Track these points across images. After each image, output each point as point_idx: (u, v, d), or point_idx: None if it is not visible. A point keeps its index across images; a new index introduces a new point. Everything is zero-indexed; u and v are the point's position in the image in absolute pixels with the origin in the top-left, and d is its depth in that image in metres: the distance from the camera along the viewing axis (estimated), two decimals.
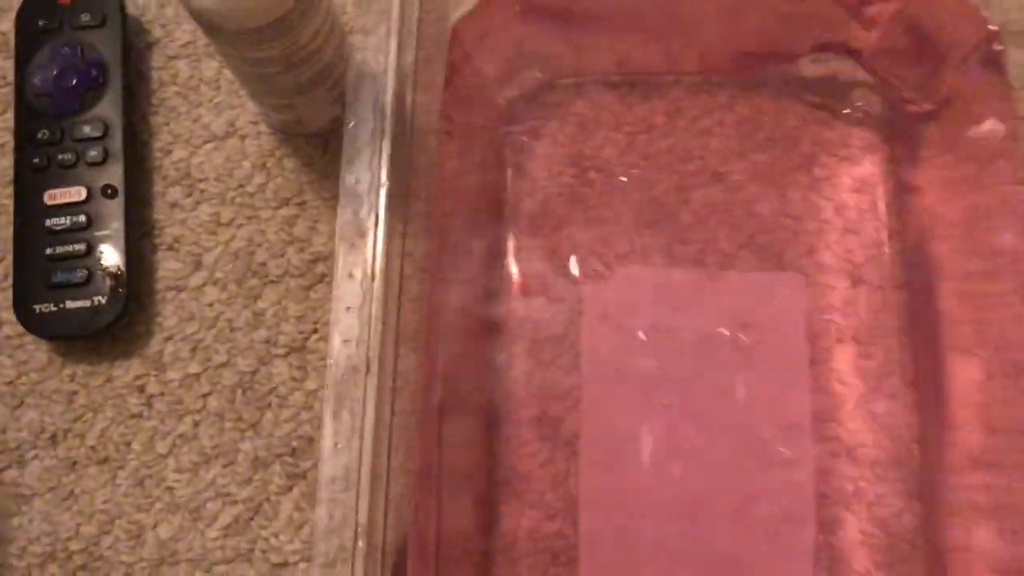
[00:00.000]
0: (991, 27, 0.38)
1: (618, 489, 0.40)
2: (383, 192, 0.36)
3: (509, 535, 0.40)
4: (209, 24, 0.36)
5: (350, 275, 0.35)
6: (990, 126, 0.38)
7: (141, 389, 0.44)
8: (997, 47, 0.38)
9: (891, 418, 0.40)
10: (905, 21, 0.40)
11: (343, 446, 0.33)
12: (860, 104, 0.44)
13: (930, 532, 0.39)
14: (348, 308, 0.34)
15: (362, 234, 0.35)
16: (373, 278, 0.35)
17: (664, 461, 0.40)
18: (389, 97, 0.37)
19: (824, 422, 0.40)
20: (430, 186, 0.40)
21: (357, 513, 0.33)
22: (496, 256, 0.44)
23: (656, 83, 0.45)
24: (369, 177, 0.36)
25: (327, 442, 0.33)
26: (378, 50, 0.38)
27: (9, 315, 0.44)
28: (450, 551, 0.38)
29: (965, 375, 0.39)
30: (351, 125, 0.36)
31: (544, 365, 0.42)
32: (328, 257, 0.45)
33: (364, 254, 0.35)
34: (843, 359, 0.41)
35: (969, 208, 0.41)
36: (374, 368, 0.34)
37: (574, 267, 0.43)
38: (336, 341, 0.34)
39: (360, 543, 0.34)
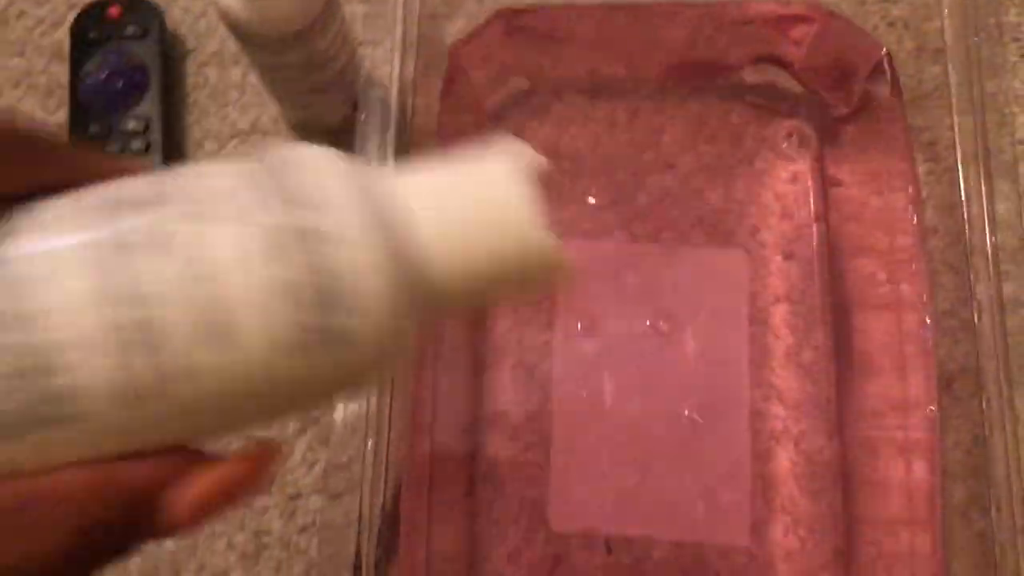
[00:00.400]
0: (883, 51, 0.46)
1: (582, 426, 0.47)
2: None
3: (491, 461, 0.47)
4: (241, 32, 0.44)
5: None
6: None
7: None
8: (886, 67, 0.46)
9: (814, 366, 0.47)
10: (824, 41, 0.48)
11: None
12: (793, 107, 0.52)
13: (844, 464, 0.46)
14: None
15: None
16: None
17: (623, 404, 0.47)
18: (393, 100, 0.44)
19: (759, 369, 0.47)
20: None
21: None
22: None
23: (619, 88, 0.53)
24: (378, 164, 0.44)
25: None
26: (383, 61, 0.45)
27: None
28: (442, 475, 0.46)
29: (876, 328, 0.46)
30: (363, 117, 0.43)
31: (522, 324, 0.49)
32: None
33: None
34: (777, 316, 0.48)
35: (875, 194, 0.49)
36: None
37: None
38: None
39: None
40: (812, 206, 0.51)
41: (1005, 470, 0.39)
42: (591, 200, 0.51)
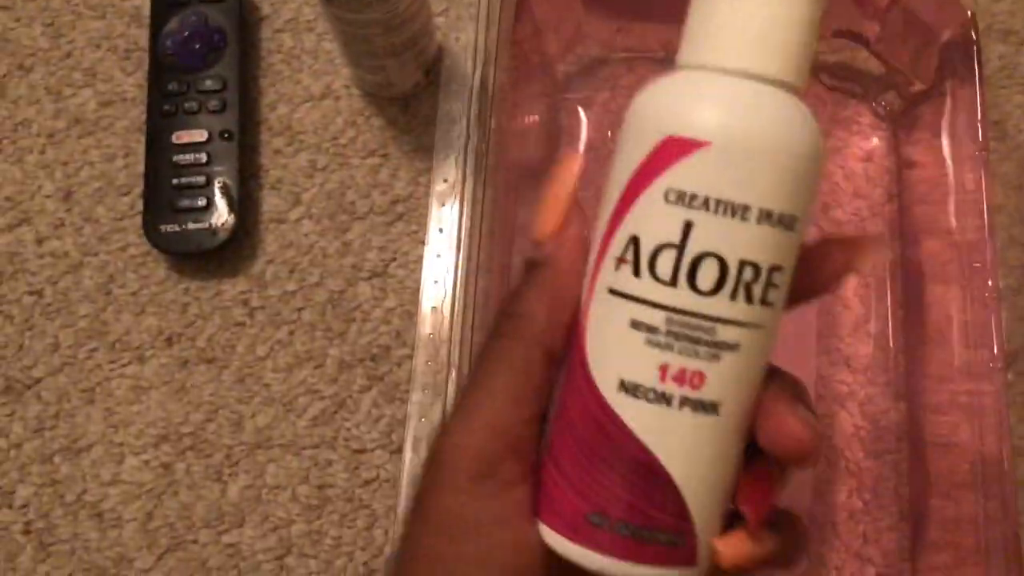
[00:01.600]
0: (968, 13, 0.46)
1: None
2: (470, 146, 0.44)
3: None
4: None
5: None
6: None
7: (245, 302, 0.52)
8: (972, 34, 0.46)
9: (882, 334, 0.48)
10: (900, 10, 0.49)
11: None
12: (869, 88, 0.52)
13: (911, 427, 0.46)
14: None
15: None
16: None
17: None
18: (471, 69, 0.45)
19: (827, 338, 0.48)
20: (500, 143, 0.48)
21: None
22: None
23: None
24: (460, 128, 0.44)
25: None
26: (459, 28, 0.46)
27: (135, 238, 0.52)
28: None
29: (944, 300, 0.47)
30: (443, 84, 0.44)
31: None
32: (407, 199, 0.53)
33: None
34: (848, 289, 0.49)
35: (947, 174, 0.49)
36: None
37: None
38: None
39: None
40: (886, 186, 0.51)
41: None
42: None
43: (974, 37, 0.47)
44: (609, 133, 0.53)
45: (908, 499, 0.46)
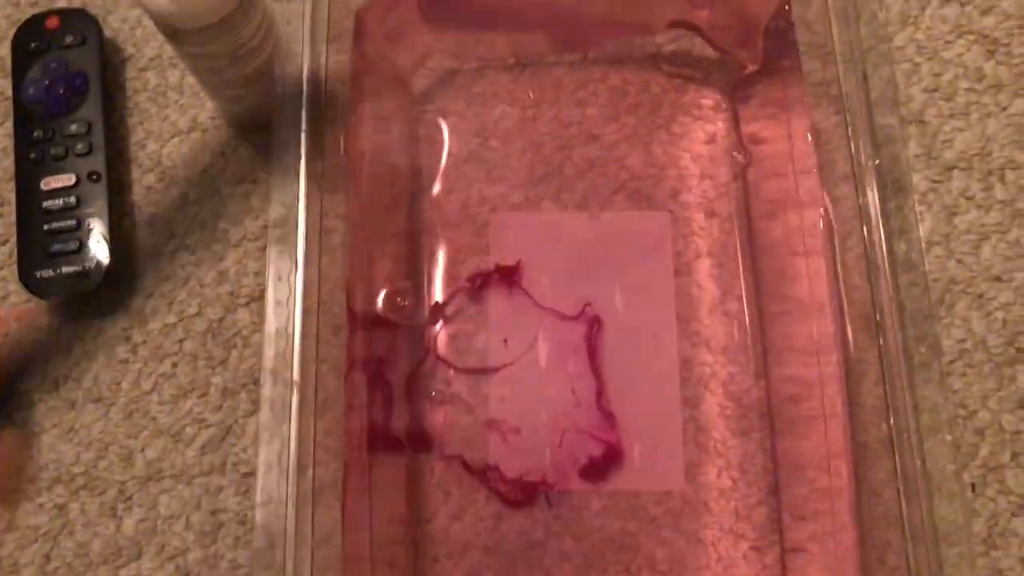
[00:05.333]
0: None
1: (518, 389, 0.49)
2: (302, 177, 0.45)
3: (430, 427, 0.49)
4: (165, 24, 0.46)
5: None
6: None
7: (127, 339, 0.53)
8: (791, 14, 0.48)
9: (739, 314, 0.49)
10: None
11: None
12: (707, 72, 0.54)
13: (770, 403, 0.48)
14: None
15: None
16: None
17: (557, 363, 0.49)
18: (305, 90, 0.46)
19: (686, 321, 0.49)
20: (350, 166, 0.49)
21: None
22: (414, 217, 0.53)
23: (542, 63, 0.55)
24: (296, 162, 0.46)
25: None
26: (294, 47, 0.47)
27: (14, 286, 0.53)
28: (383, 445, 0.47)
29: (795, 275, 0.48)
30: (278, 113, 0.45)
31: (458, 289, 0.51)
32: (281, 223, 0.54)
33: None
34: (702, 271, 0.50)
35: (789, 148, 0.51)
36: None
37: (482, 217, 0.52)
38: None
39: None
40: (730, 165, 0.53)
41: (905, 408, 0.41)
42: (519, 175, 0.53)
43: (792, 17, 0.48)
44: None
45: (774, 473, 0.47)
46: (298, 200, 0.45)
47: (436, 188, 0.53)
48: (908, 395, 0.44)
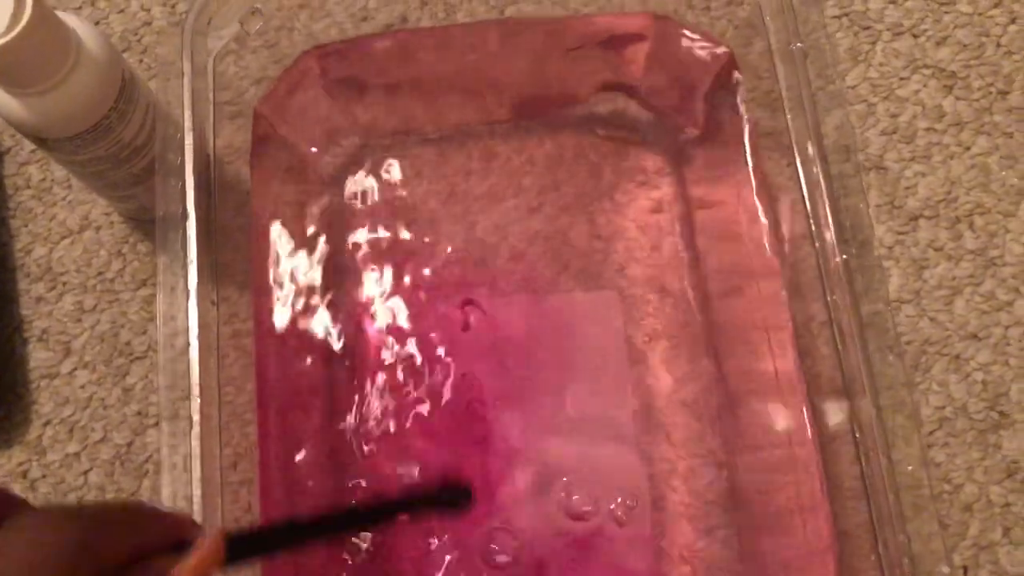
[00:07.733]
0: (723, 50, 0.43)
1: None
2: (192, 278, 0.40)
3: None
4: (30, 134, 0.40)
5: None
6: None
7: (24, 474, 0.47)
8: (736, 74, 0.43)
9: (696, 402, 0.45)
10: (658, 58, 0.45)
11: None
12: (645, 135, 0.49)
13: (735, 496, 0.43)
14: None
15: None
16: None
17: (508, 470, 0.44)
18: (190, 183, 0.40)
19: (644, 416, 0.45)
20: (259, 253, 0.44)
21: None
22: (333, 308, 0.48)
23: (471, 132, 0.50)
24: (182, 257, 0.40)
25: None
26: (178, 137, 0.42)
27: None
28: None
29: (750, 350, 0.44)
30: (161, 215, 0.40)
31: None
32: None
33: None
34: (656, 355, 0.46)
35: (739, 210, 0.46)
36: None
37: (406, 322, 0.47)
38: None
39: None
40: (679, 234, 0.48)
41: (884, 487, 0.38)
42: (451, 261, 0.48)
43: (736, 77, 0.44)
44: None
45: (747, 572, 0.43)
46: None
47: (354, 278, 0.48)
48: (887, 473, 0.40)
